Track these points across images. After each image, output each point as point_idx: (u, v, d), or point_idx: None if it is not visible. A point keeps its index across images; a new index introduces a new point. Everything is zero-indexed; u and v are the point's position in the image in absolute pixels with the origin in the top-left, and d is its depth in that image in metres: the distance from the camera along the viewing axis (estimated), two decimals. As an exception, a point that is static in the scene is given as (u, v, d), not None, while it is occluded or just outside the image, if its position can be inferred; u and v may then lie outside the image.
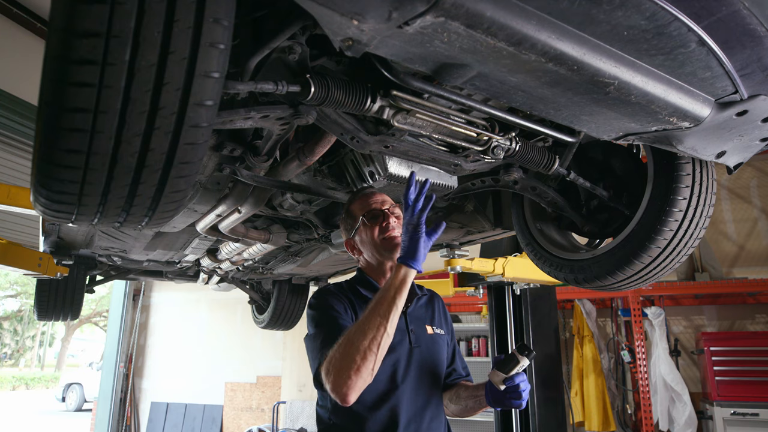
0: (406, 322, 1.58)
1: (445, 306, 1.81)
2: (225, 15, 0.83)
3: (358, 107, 1.28)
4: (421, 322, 1.64)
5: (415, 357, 1.55)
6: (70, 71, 0.77)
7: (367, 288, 1.62)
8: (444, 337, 1.69)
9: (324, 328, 1.45)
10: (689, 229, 1.60)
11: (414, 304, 1.65)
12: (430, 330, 1.65)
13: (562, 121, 1.28)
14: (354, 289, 1.62)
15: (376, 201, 1.64)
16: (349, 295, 1.58)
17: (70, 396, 14.71)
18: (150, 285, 9.04)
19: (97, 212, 1.07)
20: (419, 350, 1.56)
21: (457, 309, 6.51)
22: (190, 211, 2.07)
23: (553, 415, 3.90)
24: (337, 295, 1.55)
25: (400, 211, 1.62)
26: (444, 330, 1.71)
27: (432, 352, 1.61)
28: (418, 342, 1.58)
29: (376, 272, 1.65)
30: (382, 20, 0.83)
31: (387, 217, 1.60)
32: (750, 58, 1.06)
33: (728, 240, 5.86)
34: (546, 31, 0.91)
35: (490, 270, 3.28)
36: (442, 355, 1.66)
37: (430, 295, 1.77)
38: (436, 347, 1.63)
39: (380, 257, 1.61)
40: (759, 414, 4.53)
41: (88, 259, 3.49)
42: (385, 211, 1.61)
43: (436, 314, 1.72)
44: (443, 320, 1.74)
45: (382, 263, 1.62)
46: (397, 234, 1.58)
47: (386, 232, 1.58)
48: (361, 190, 1.71)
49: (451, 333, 1.78)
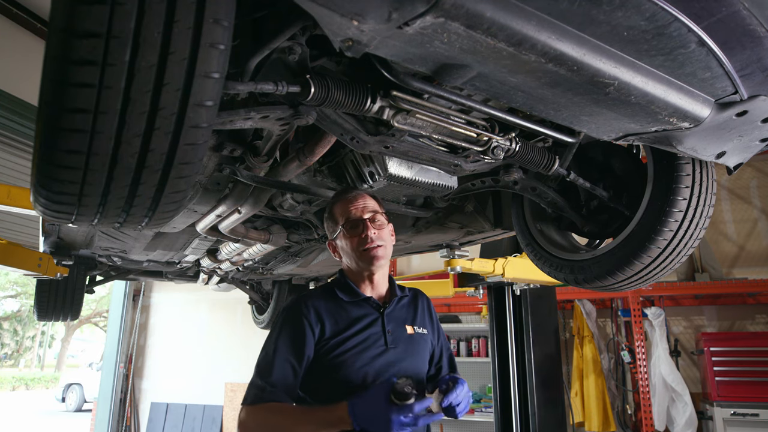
0: (383, 324, 1.59)
1: (431, 305, 1.81)
2: (225, 15, 0.83)
3: (358, 108, 1.28)
4: (401, 322, 1.65)
5: (390, 358, 1.55)
6: (70, 72, 0.77)
7: (344, 291, 1.63)
8: (427, 336, 1.69)
9: (265, 357, 1.51)
10: (689, 230, 1.60)
11: (394, 305, 1.66)
12: (411, 330, 1.65)
13: (562, 121, 1.28)
14: (331, 293, 1.64)
15: (357, 207, 1.62)
16: (323, 305, 1.59)
17: (70, 396, 14.70)
18: (150, 285, 9.04)
19: (97, 213, 1.07)
20: (396, 351, 1.57)
21: (457, 309, 6.51)
22: (190, 211, 2.07)
23: (553, 416, 3.90)
24: (304, 315, 1.55)
25: (382, 219, 1.64)
26: (428, 329, 1.71)
27: (411, 352, 1.61)
28: (395, 343, 1.58)
29: (356, 276, 1.66)
30: (382, 21, 0.83)
31: (366, 228, 1.59)
32: (750, 59, 1.06)
33: (728, 240, 5.86)
34: (546, 32, 0.91)
35: (490, 270, 3.28)
36: (424, 354, 1.66)
37: (414, 294, 1.78)
38: (416, 347, 1.64)
39: (358, 267, 1.63)
40: (759, 414, 4.52)
41: (88, 260, 3.49)
42: (365, 221, 1.59)
43: (419, 314, 1.72)
44: (427, 319, 1.74)
45: (361, 271, 1.63)
46: (375, 245, 1.58)
47: (365, 244, 1.58)
48: (344, 191, 1.68)
49: (438, 332, 1.77)
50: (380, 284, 1.68)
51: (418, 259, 7.08)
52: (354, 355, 1.51)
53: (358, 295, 1.63)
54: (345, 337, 1.54)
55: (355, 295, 1.63)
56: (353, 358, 1.49)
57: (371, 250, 1.58)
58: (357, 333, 1.55)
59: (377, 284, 1.67)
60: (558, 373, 4.17)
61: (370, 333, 1.57)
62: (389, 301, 1.67)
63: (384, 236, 1.62)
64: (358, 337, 1.55)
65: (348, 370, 1.49)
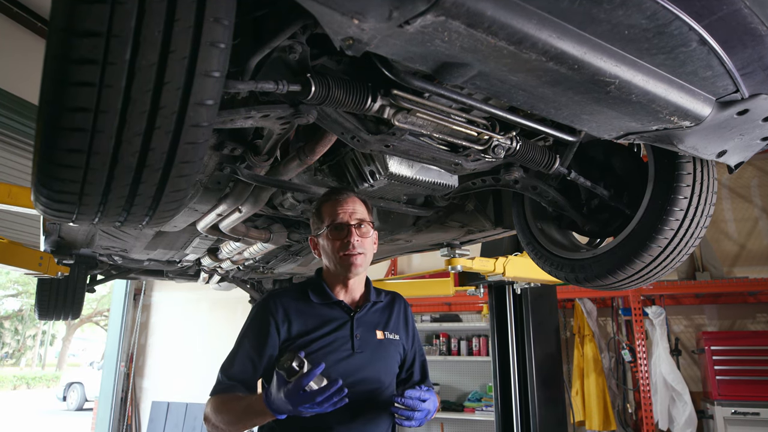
0: (352, 328, 1.62)
1: (409, 310, 1.82)
2: (225, 14, 0.83)
3: (359, 106, 1.28)
4: (372, 327, 1.67)
5: (356, 362, 1.58)
6: (70, 71, 0.77)
7: (316, 293, 1.66)
8: (397, 342, 1.71)
9: (235, 348, 1.62)
10: (690, 229, 1.59)
11: (365, 310, 1.68)
12: (381, 335, 1.67)
13: (562, 120, 1.28)
14: (303, 293, 1.67)
15: (345, 211, 1.62)
16: (292, 305, 1.62)
17: (71, 395, 14.72)
18: (151, 284, 9.04)
19: (98, 211, 1.07)
20: (362, 355, 1.60)
21: (457, 308, 6.51)
22: (190, 210, 2.07)
23: (553, 414, 3.90)
24: (272, 313, 1.60)
25: (368, 227, 1.65)
26: (401, 335, 1.73)
27: (378, 358, 1.63)
28: (362, 347, 1.61)
29: (332, 278, 1.69)
30: (382, 19, 0.83)
31: (350, 234, 1.60)
32: (751, 57, 1.06)
33: (729, 239, 5.86)
34: (547, 30, 0.91)
35: (491, 269, 3.28)
36: (392, 359, 1.68)
37: (391, 299, 1.79)
38: (383, 352, 1.65)
39: (335, 270, 1.66)
40: (760, 413, 4.52)
41: (88, 259, 3.50)
42: (351, 227, 1.61)
43: (393, 319, 1.73)
44: (402, 325, 1.75)
45: (337, 274, 1.66)
46: (357, 252, 1.60)
47: (346, 250, 1.60)
48: (336, 191, 1.69)
49: (413, 337, 1.79)
50: (355, 288, 1.70)
51: (418, 258, 7.08)
52: (319, 357, 1.51)
53: (330, 298, 1.65)
54: (311, 338, 1.57)
55: (326, 297, 1.66)
56: (317, 359, 1.48)
57: (351, 257, 1.60)
58: (324, 336, 1.58)
59: (351, 288, 1.69)
60: (559, 372, 4.17)
61: (336, 336, 1.59)
62: (362, 305, 1.68)
63: (366, 245, 1.64)
64: (325, 340, 1.57)
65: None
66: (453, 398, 6.21)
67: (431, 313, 6.52)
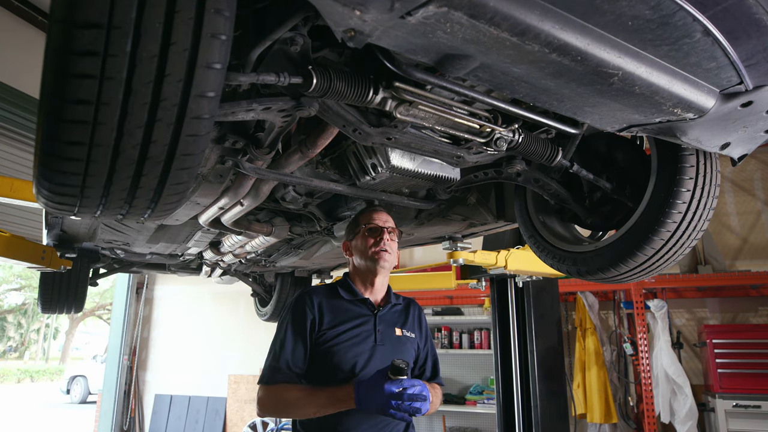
0: (375, 323, 1.85)
1: (422, 314, 2.06)
2: (226, 6, 0.83)
3: (361, 99, 1.27)
4: (391, 324, 1.90)
5: (377, 353, 1.79)
6: (71, 63, 0.77)
7: (347, 291, 1.90)
8: (413, 340, 1.93)
9: (278, 342, 1.78)
10: (693, 222, 1.59)
11: (387, 309, 1.92)
12: (399, 332, 1.90)
13: (565, 112, 1.27)
14: (334, 292, 1.90)
15: (380, 218, 1.92)
16: (324, 300, 1.84)
17: (74, 388, 14.83)
18: (153, 278, 9.08)
19: (100, 204, 1.07)
20: (383, 348, 1.81)
21: (459, 302, 6.52)
22: (192, 203, 2.07)
23: (555, 408, 3.91)
24: (309, 305, 1.81)
25: (396, 236, 1.93)
26: (416, 334, 1.95)
27: (397, 351, 1.84)
28: (383, 341, 1.83)
29: (360, 277, 1.93)
30: (384, 11, 0.83)
31: (383, 233, 1.88)
32: (755, 48, 1.05)
33: (731, 232, 5.85)
34: (550, 21, 0.90)
35: (493, 262, 3.28)
36: (408, 354, 1.88)
37: (408, 303, 2.04)
38: (402, 347, 1.87)
39: (365, 264, 1.89)
40: (761, 406, 4.54)
41: (91, 252, 3.51)
42: (384, 229, 1.89)
43: (409, 320, 1.97)
44: (416, 326, 1.98)
45: (365, 272, 1.91)
46: (386, 249, 1.87)
47: (378, 246, 1.87)
48: (372, 206, 2.01)
49: (426, 338, 2.01)
50: (379, 290, 1.94)
51: (420, 251, 7.08)
52: (346, 346, 1.76)
53: (357, 295, 1.89)
54: (340, 330, 1.78)
55: (354, 294, 1.89)
56: (345, 348, 1.75)
57: (381, 252, 1.86)
58: (351, 328, 1.80)
59: (376, 289, 1.93)
60: (560, 365, 4.17)
61: (362, 330, 1.82)
62: (383, 305, 1.92)
63: (393, 248, 1.90)
64: (352, 332, 1.79)
65: (340, 358, 1.74)
66: (455, 391, 6.24)
67: (433, 306, 6.53)
